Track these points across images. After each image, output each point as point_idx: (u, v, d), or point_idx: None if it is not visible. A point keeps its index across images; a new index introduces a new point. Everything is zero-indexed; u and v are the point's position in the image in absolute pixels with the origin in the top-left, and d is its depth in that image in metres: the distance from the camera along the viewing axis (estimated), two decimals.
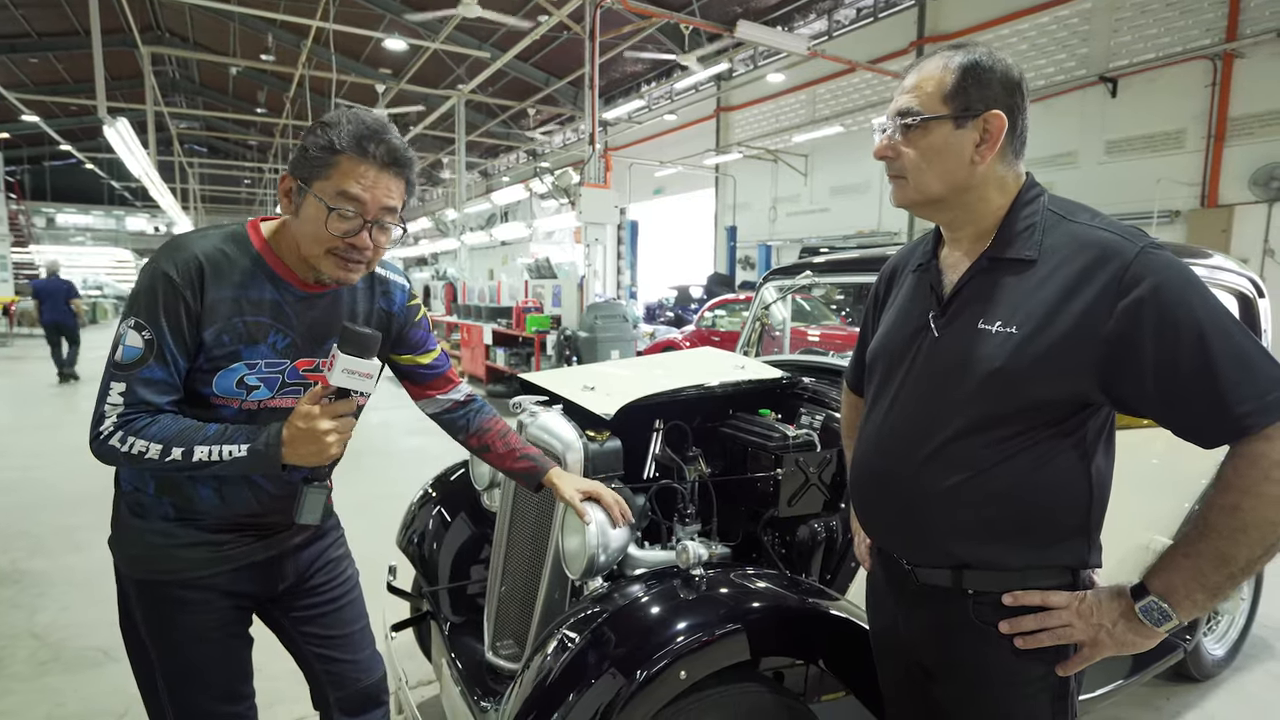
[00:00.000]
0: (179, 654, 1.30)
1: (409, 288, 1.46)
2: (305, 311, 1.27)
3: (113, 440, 1.12)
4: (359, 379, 1.13)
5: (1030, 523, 1.03)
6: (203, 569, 1.27)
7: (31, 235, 26.68)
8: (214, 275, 1.17)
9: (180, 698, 1.32)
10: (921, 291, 1.15)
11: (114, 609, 1.33)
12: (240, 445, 1.14)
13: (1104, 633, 0.99)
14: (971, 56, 1.02)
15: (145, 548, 1.26)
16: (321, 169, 1.15)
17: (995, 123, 1.01)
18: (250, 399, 1.23)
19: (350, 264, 1.20)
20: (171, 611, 1.28)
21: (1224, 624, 2.69)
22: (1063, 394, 0.98)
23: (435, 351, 1.53)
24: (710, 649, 1.30)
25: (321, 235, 1.16)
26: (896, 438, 1.11)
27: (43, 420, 7.30)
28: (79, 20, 17.27)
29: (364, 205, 1.16)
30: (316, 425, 1.12)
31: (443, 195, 21.17)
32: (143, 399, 1.14)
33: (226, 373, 1.20)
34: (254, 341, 1.21)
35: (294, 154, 1.19)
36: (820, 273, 2.76)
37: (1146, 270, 0.92)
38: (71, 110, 23.50)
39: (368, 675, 1.52)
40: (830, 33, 14.81)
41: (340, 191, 1.15)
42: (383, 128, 1.17)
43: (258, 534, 1.31)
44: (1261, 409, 0.87)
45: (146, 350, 1.13)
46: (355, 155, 1.14)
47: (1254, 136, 9.27)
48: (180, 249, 1.17)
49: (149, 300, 1.14)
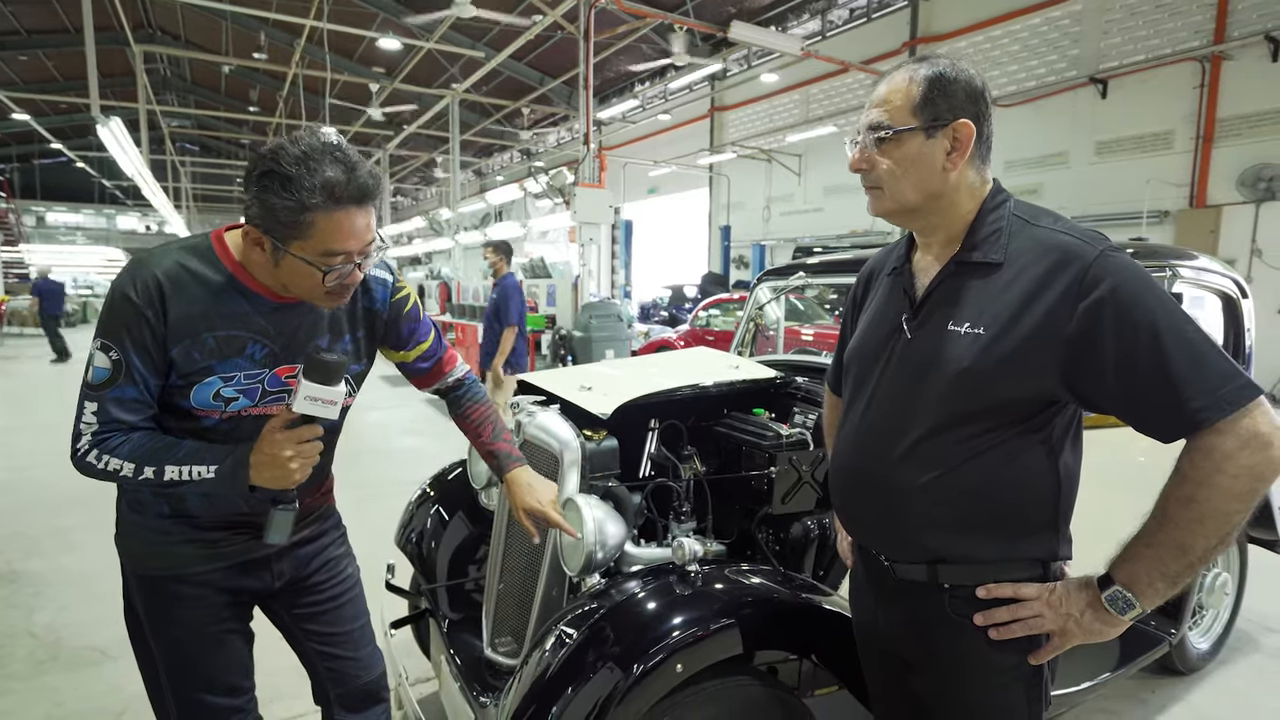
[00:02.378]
0: (178, 648, 1.32)
1: (393, 281, 1.42)
2: (282, 321, 1.25)
3: (89, 458, 1.14)
4: (322, 405, 1.13)
5: (1001, 517, 1.07)
6: (198, 565, 1.29)
7: (21, 234, 26.51)
8: (175, 293, 1.15)
9: (180, 691, 1.34)
10: (895, 295, 1.19)
11: (111, 608, 1.35)
12: (209, 467, 1.15)
13: (1072, 622, 1.03)
14: (936, 68, 1.05)
15: (144, 544, 1.29)
16: (296, 230, 1.10)
17: (964, 131, 1.05)
18: (230, 409, 1.23)
19: (345, 294, 1.23)
20: (170, 606, 1.30)
21: (1209, 618, 2.74)
22: (1028, 392, 1.02)
23: (427, 342, 1.50)
24: (705, 643, 1.33)
25: (319, 290, 1.17)
26: (872, 437, 1.14)
27: (36, 421, 7.27)
28: (69, 18, 17.15)
29: (350, 253, 1.15)
30: (280, 453, 1.13)
31: (437, 194, 21.15)
32: (115, 418, 1.15)
33: (201, 387, 1.19)
34: (227, 356, 1.20)
35: (254, 207, 1.10)
36: (814, 273, 2.79)
37: (1105, 272, 0.96)
38: (62, 108, 23.31)
39: (368, 672, 1.54)
40: (824, 33, 14.86)
41: (325, 251, 1.12)
42: (342, 159, 1.10)
43: (251, 532, 1.31)
44: (1214, 404, 0.91)
45: (115, 371, 1.14)
46: (328, 208, 1.09)
47: (1242, 138, 9.36)
48: (140, 267, 1.16)
49: (112, 322, 1.14)
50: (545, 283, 8.93)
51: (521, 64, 18.30)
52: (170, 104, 25.24)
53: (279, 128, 19.88)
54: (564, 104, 19.45)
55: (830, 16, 14.72)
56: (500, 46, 12.00)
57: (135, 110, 13.35)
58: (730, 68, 17.05)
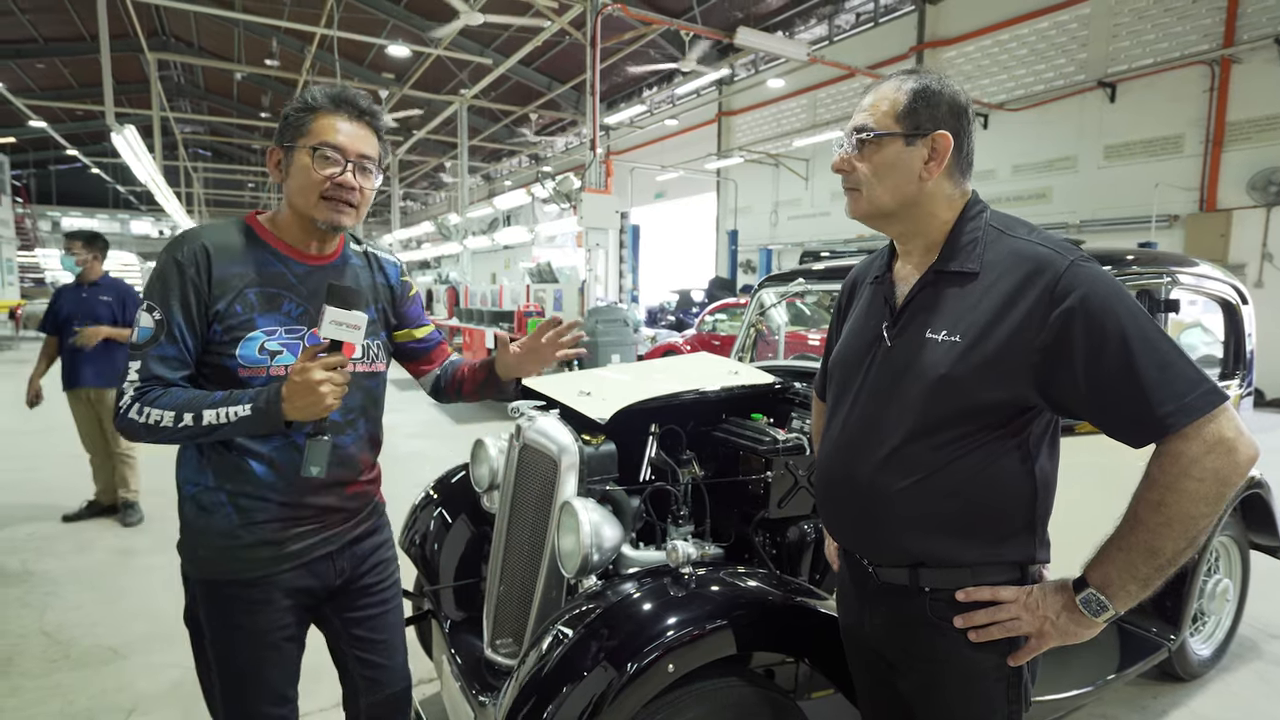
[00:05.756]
0: (239, 654, 1.35)
1: (400, 265, 1.58)
2: (314, 283, 1.36)
3: (131, 413, 1.21)
4: (346, 330, 1.21)
5: (979, 521, 1.09)
6: (266, 568, 1.33)
7: (37, 239, 26.86)
8: (219, 255, 1.28)
9: (233, 697, 1.37)
10: (876, 303, 1.22)
11: (121, 607, 1.39)
12: (244, 405, 1.21)
13: (1049, 624, 1.05)
14: (923, 81, 1.10)
15: (211, 549, 1.32)
16: (301, 128, 1.29)
17: (942, 142, 1.08)
18: (276, 364, 1.30)
19: (340, 204, 1.32)
20: (235, 611, 1.33)
21: (1210, 624, 2.73)
22: (1004, 398, 1.05)
23: (429, 326, 1.63)
24: (697, 644, 1.36)
25: (312, 181, 1.29)
26: (854, 443, 1.17)
27: (49, 423, 7.36)
28: (85, 25, 17.42)
29: (343, 149, 1.29)
30: (311, 376, 1.19)
31: (445, 199, 21.29)
32: (155, 374, 1.24)
33: (246, 341, 1.28)
34: (267, 310, 1.30)
35: (276, 130, 1.33)
36: (814, 279, 2.82)
37: (1075, 282, 0.99)
38: (77, 115, 23.65)
39: (400, 682, 1.58)
40: (831, 38, 14.89)
41: (321, 142, 1.28)
42: (352, 92, 1.33)
43: (316, 527, 1.37)
44: (1181, 409, 0.93)
45: (157, 329, 1.24)
46: (328, 110, 1.30)
47: (1252, 141, 9.31)
48: (187, 238, 1.29)
49: (159, 285, 1.25)
50: (552, 287, 8.97)
51: (530, 69, 18.42)
52: (183, 110, 25.58)
53: None
54: (572, 109, 19.56)
55: (837, 21, 14.75)
56: (509, 52, 12.10)
57: (149, 117, 13.54)
58: (737, 73, 17.10)
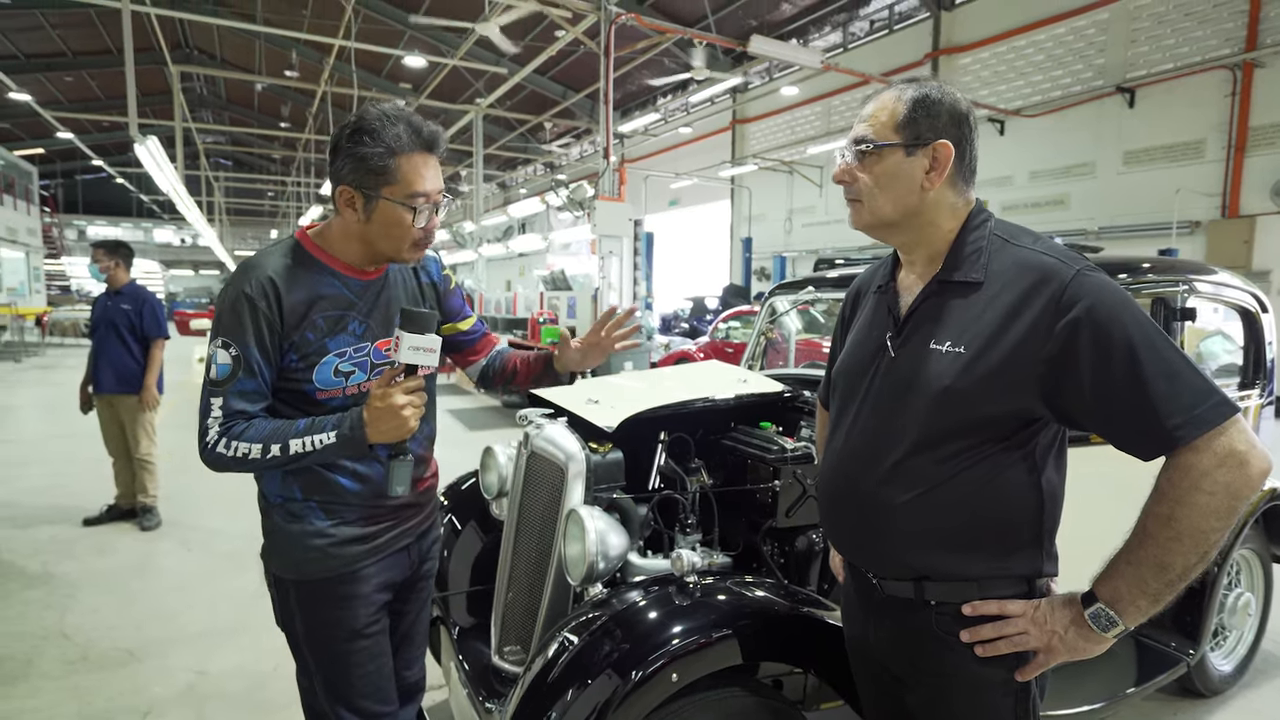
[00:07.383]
0: (337, 648, 1.38)
1: (440, 259, 1.59)
2: (371, 297, 1.38)
3: (219, 448, 1.24)
4: (424, 354, 1.24)
5: (985, 534, 1.07)
6: (359, 562, 1.38)
7: (63, 248, 27.45)
8: (285, 284, 1.29)
9: (337, 695, 1.40)
10: (880, 313, 1.21)
11: (139, 610, 1.41)
12: (329, 433, 1.25)
13: (1056, 639, 1.03)
14: (922, 90, 1.08)
15: (306, 550, 1.36)
16: (385, 174, 1.26)
17: (943, 151, 1.07)
18: (350, 384, 1.34)
19: (426, 243, 1.36)
20: (332, 609, 1.38)
21: (1232, 639, 2.68)
22: (1009, 410, 1.03)
23: (472, 318, 1.65)
24: (702, 653, 1.36)
25: (408, 234, 1.30)
26: (857, 455, 1.15)
27: (72, 429, 7.49)
28: (112, 39, 17.81)
29: (430, 195, 1.30)
30: (393, 402, 1.22)
31: (461, 208, 21.48)
32: (237, 409, 1.26)
33: (322, 366, 1.31)
34: (335, 332, 1.33)
35: (345, 166, 1.26)
36: (823, 287, 2.81)
37: (1081, 292, 0.97)
38: (103, 126, 24.17)
39: (416, 670, 1.64)
40: (845, 45, 14.87)
41: (411, 193, 1.27)
42: (410, 115, 1.29)
43: (395, 522, 1.44)
44: (1190, 421, 0.91)
45: (235, 365, 1.25)
46: (409, 151, 1.26)
47: (1276, 146, 9.17)
48: (252, 269, 1.29)
49: (231, 320, 1.26)
50: (566, 295, 9.01)
51: (545, 78, 18.57)
52: (205, 121, 26.05)
53: (308, 143, 20.37)
54: (587, 117, 19.67)
55: (851, 29, 14.74)
56: (524, 62, 12.21)
57: (172, 127, 13.79)
58: (751, 80, 17.12)
